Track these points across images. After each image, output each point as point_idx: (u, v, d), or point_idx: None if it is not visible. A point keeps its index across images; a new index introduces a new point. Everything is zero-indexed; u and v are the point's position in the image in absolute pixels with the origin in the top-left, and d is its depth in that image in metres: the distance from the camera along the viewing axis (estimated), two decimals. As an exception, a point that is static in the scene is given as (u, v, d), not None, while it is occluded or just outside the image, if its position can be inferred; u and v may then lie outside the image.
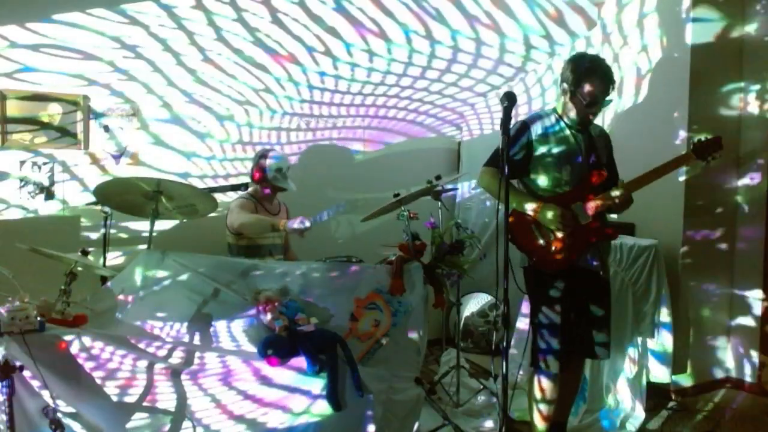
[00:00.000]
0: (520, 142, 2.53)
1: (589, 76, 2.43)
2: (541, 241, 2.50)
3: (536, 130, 2.53)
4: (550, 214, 2.43)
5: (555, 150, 2.50)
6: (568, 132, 2.53)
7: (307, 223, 2.79)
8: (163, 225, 3.56)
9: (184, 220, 3.03)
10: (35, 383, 1.89)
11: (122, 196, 2.86)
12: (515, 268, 2.38)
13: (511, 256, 1.93)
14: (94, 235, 3.48)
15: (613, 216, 2.74)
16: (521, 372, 3.07)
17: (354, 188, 4.36)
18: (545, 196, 2.52)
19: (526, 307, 3.55)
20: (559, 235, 2.47)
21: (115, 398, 2.05)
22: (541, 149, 2.51)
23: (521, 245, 2.55)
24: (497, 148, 2.49)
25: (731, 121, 3.68)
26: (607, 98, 2.49)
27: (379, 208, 3.08)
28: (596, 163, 2.56)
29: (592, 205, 2.46)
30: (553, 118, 2.57)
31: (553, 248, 2.48)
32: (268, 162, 3.32)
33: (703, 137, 2.49)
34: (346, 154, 4.49)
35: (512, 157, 2.50)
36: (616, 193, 2.43)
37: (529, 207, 2.49)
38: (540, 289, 2.55)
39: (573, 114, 2.52)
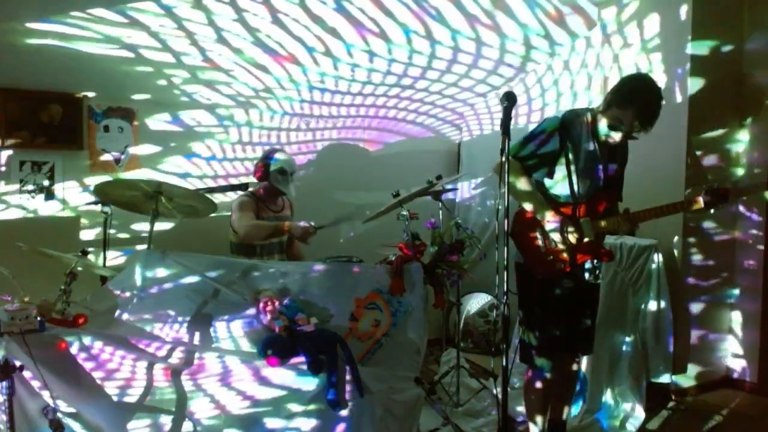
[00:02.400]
0: (558, 140, 2.42)
1: (632, 116, 2.28)
2: (541, 246, 2.50)
3: (573, 132, 2.42)
4: (557, 226, 2.41)
5: (581, 155, 2.42)
6: (593, 139, 2.44)
7: (312, 223, 2.79)
8: (163, 225, 3.56)
9: (184, 220, 3.03)
10: (35, 383, 1.89)
11: (122, 192, 2.86)
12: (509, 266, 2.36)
13: (511, 255, 1.93)
14: (94, 235, 3.48)
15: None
16: (519, 374, 3.08)
17: (354, 189, 4.37)
18: (558, 201, 2.49)
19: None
20: (561, 247, 2.46)
21: (115, 398, 2.05)
22: (569, 151, 2.42)
23: (520, 243, 2.55)
24: (527, 135, 2.46)
25: (731, 122, 3.68)
26: (636, 135, 2.36)
27: (381, 210, 3.08)
28: (613, 177, 2.52)
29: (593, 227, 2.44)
30: (586, 121, 2.45)
31: (551, 257, 2.48)
32: (272, 162, 3.28)
33: (715, 185, 2.33)
34: (347, 153, 4.50)
35: (548, 153, 2.43)
36: (625, 224, 2.38)
37: (540, 211, 2.47)
38: (530, 286, 2.55)
39: (603, 126, 2.41)
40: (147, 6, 3.12)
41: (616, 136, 2.37)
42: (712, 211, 2.37)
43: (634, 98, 2.29)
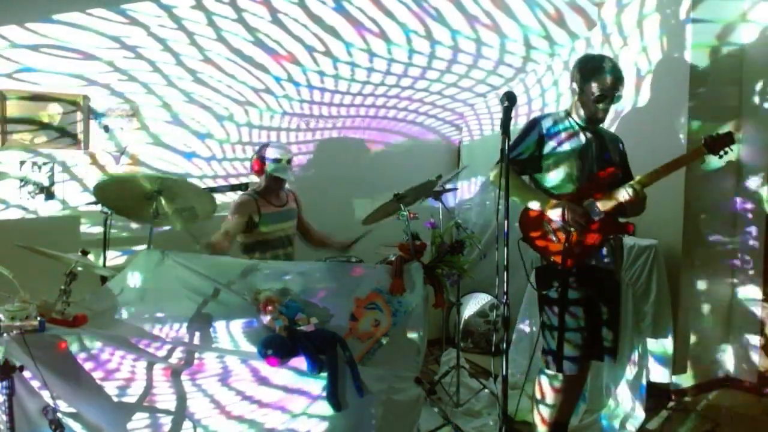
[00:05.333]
0: (532, 139, 2.56)
1: (595, 73, 2.50)
2: (554, 238, 2.50)
3: (547, 126, 2.57)
4: (560, 211, 2.44)
5: (566, 147, 2.53)
6: (579, 132, 2.57)
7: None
8: (163, 225, 3.56)
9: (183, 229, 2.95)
10: (35, 383, 1.89)
11: (122, 194, 2.84)
12: (518, 265, 2.37)
13: (512, 255, 1.93)
14: (94, 235, 3.48)
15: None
16: (519, 374, 3.08)
17: (354, 188, 4.37)
18: (556, 192, 2.54)
19: (526, 308, 3.56)
20: (572, 231, 2.46)
21: (115, 398, 2.05)
22: (552, 145, 2.54)
23: (534, 243, 2.55)
24: (515, 141, 2.54)
25: (731, 122, 3.68)
26: (617, 94, 2.52)
27: (380, 206, 3.04)
28: (608, 161, 2.58)
29: (600, 205, 2.46)
30: (564, 117, 2.62)
31: (567, 245, 2.47)
32: (268, 152, 3.28)
33: (714, 133, 2.49)
34: (347, 154, 4.49)
35: (524, 153, 2.55)
36: (627, 190, 2.43)
37: (540, 205, 2.49)
38: (552, 290, 2.54)
39: (583, 113, 2.57)
40: (147, 6, 3.12)
41: (603, 107, 2.53)
42: (718, 157, 2.49)
43: (600, 64, 2.53)
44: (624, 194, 2.43)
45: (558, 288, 2.50)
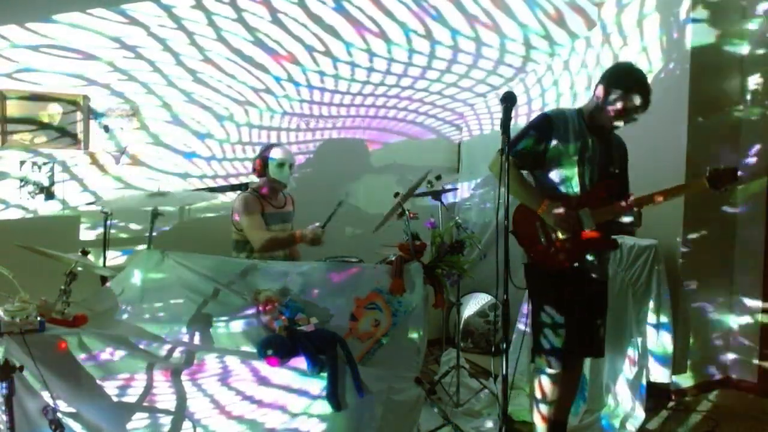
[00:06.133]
0: (541, 134, 2.49)
1: (628, 92, 2.41)
2: (543, 240, 2.51)
3: (558, 125, 2.50)
4: (554, 215, 2.43)
5: (572, 149, 2.47)
6: (588, 135, 2.51)
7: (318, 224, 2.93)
8: (163, 225, 3.56)
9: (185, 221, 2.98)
10: (35, 383, 1.89)
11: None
12: (516, 265, 2.39)
13: (512, 253, 1.93)
14: (94, 235, 3.48)
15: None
16: (518, 373, 3.08)
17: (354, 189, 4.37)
18: (554, 194, 2.52)
19: (526, 308, 3.56)
20: (561, 237, 2.47)
21: (115, 398, 2.05)
22: (559, 145, 2.48)
23: (522, 241, 2.55)
24: (519, 133, 2.51)
25: (731, 122, 3.68)
26: (637, 116, 2.47)
27: (386, 213, 3.03)
28: (609, 171, 2.55)
29: (594, 216, 2.46)
30: (576, 118, 2.54)
31: (553, 249, 2.48)
32: (270, 155, 3.27)
33: (722, 166, 2.38)
34: (348, 154, 4.50)
35: (527, 149, 2.50)
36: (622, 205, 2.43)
37: (535, 205, 2.49)
38: (540, 287, 2.56)
39: (597, 119, 2.50)
40: (147, 6, 3.12)
41: (621, 123, 2.49)
42: (718, 192, 2.40)
43: (636, 84, 2.44)
44: (618, 210, 2.43)
45: (544, 286, 2.51)
